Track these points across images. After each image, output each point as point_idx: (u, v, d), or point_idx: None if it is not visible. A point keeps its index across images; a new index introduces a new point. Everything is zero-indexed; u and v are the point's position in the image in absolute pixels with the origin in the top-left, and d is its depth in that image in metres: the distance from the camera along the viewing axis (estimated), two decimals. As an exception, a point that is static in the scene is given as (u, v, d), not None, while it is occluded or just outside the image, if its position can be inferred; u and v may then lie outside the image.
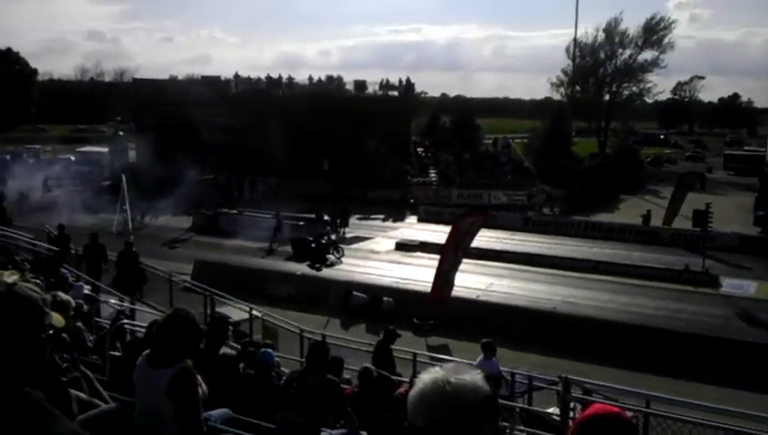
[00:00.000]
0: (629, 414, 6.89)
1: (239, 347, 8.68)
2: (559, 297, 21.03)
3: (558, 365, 13.93)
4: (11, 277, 1.95)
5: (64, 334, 5.15)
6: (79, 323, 8.27)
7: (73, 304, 7.39)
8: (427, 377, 1.57)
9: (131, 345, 7.42)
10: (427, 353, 14.41)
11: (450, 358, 13.60)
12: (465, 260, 21.57)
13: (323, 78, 50.21)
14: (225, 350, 7.32)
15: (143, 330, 7.81)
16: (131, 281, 16.40)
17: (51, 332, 1.99)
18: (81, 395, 4.40)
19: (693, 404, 7.86)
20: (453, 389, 1.51)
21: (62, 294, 5.73)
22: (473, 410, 1.50)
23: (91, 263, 16.38)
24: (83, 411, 4.03)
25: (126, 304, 13.67)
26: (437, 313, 19.15)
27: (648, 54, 63.59)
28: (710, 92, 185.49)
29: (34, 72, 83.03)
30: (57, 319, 2.35)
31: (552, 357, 16.06)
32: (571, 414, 7.04)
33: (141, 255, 17.24)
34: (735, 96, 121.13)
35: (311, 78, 49.77)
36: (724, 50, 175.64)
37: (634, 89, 65.80)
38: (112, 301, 12.82)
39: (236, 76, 49.16)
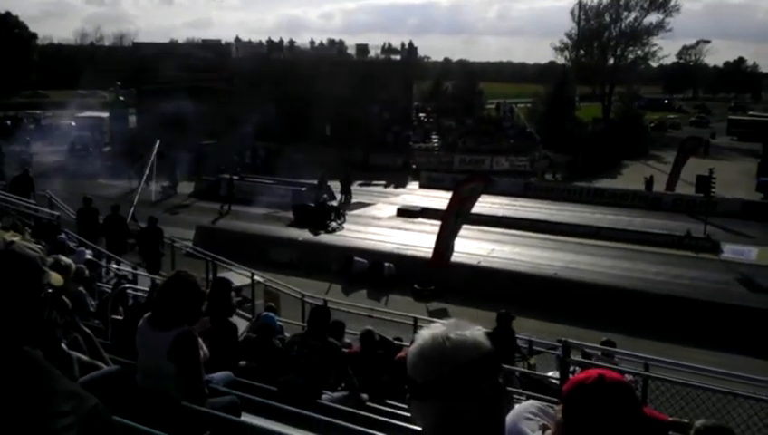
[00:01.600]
0: (629, 378, 6.94)
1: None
2: (560, 263, 21.06)
3: (558, 330, 14.01)
4: (9, 237, 1.93)
5: (64, 297, 5.18)
6: (81, 288, 8.30)
7: (74, 268, 7.41)
8: (427, 333, 1.55)
9: (133, 309, 7.46)
10: (427, 319, 14.46)
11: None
12: (466, 226, 21.59)
13: (325, 42, 49.75)
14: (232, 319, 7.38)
15: (145, 294, 7.86)
16: (155, 259, 15.97)
17: (49, 291, 1.99)
18: (83, 357, 4.43)
19: (692, 368, 7.91)
20: (453, 345, 1.49)
21: (63, 258, 5.73)
22: (473, 366, 1.49)
23: (112, 237, 15.95)
24: (85, 373, 4.05)
25: (128, 268, 13.70)
26: (438, 277, 19.23)
27: (653, 17, 62.96)
28: (715, 56, 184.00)
29: (34, 36, 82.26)
30: (56, 278, 2.35)
31: (552, 322, 16.16)
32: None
33: (141, 221, 17.22)
34: (741, 60, 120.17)
35: (312, 42, 49.34)
36: (731, 13, 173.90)
37: (639, 53, 65.15)
38: (114, 266, 12.86)
39: (237, 40, 48.70)
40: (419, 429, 1.58)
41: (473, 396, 1.47)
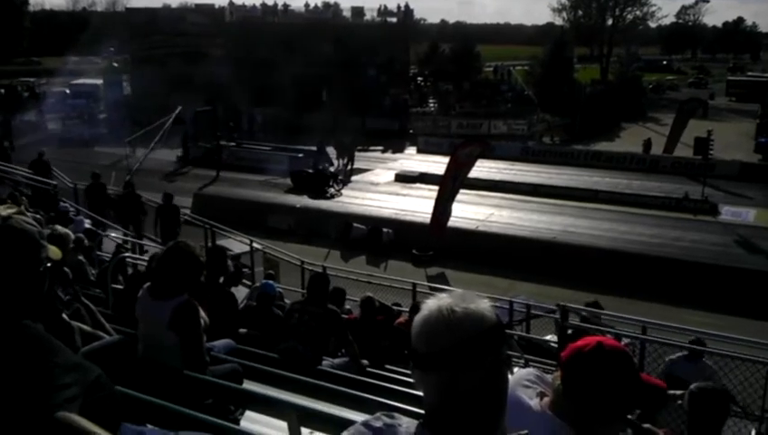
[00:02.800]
0: (626, 341, 6.99)
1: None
2: (559, 227, 21.09)
3: (556, 294, 14.04)
4: (6, 211, 1.93)
5: (65, 268, 5.19)
6: (80, 257, 8.32)
7: (73, 238, 7.41)
8: (433, 303, 1.53)
9: (133, 278, 7.48)
10: (426, 284, 14.55)
11: (449, 288, 13.74)
12: (464, 191, 21.58)
13: (320, 5, 49.15)
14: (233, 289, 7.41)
15: (144, 263, 7.87)
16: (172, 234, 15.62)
17: (48, 265, 1.99)
18: (85, 327, 4.46)
19: (689, 331, 7.97)
20: (458, 317, 1.48)
21: (60, 228, 5.73)
22: (478, 339, 1.47)
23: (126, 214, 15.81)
24: (87, 343, 4.08)
25: (128, 237, 13.72)
26: (437, 243, 19.29)
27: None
28: (714, 16, 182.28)
29: (26, 2, 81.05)
30: (54, 252, 2.34)
31: (550, 286, 16.23)
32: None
33: (139, 188, 17.14)
34: (740, 20, 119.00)
35: (307, 5, 48.67)
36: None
37: (637, 13, 64.70)
38: (113, 235, 12.86)
39: (231, 3, 48.04)
40: (419, 393, 1.59)
41: (476, 368, 1.47)
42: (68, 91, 46.35)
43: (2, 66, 68.25)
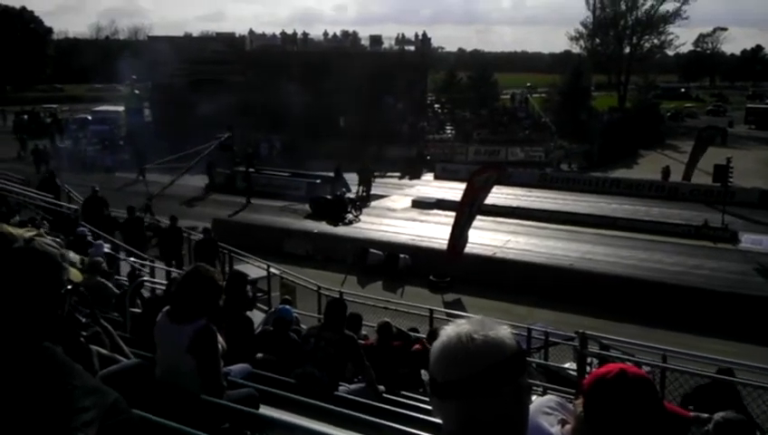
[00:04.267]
0: (647, 369, 6.89)
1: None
2: (576, 254, 20.93)
3: (574, 321, 13.95)
4: (28, 234, 1.95)
5: (82, 288, 5.22)
6: (101, 279, 8.36)
7: (87, 261, 7.50)
8: (452, 330, 1.51)
9: (151, 302, 7.51)
10: (443, 310, 14.46)
11: (467, 314, 13.66)
12: (481, 217, 21.53)
13: (339, 33, 49.66)
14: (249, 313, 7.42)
15: (162, 287, 7.91)
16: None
17: (69, 287, 2.00)
18: (103, 350, 4.46)
19: (710, 359, 7.85)
20: (478, 345, 1.46)
21: (68, 253, 5.77)
22: (498, 368, 1.46)
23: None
24: (105, 367, 4.08)
25: (146, 262, 13.79)
26: (453, 269, 19.20)
27: (669, 5, 62.30)
28: (732, 44, 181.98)
29: (49, 30, 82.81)
30: (75, 274, 2.37)
31: (568, 313, 16.09)
32: (588, 369, 7.06)
33: (159, 213, 17.30)
34: (759, 48, 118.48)
35: (326, 33, 49.22)
36: (748, 0, 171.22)
37: (655, 41, 64.58)
38: (131, 259, 12.94)
39: (251, 33, 48.69)
40: (437, 421, 1.57)
41: (496, 397, 1.45)
42: (90, 118, 47.03)
43: (25, 93, 69.55)
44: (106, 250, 10.92)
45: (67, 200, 17.28)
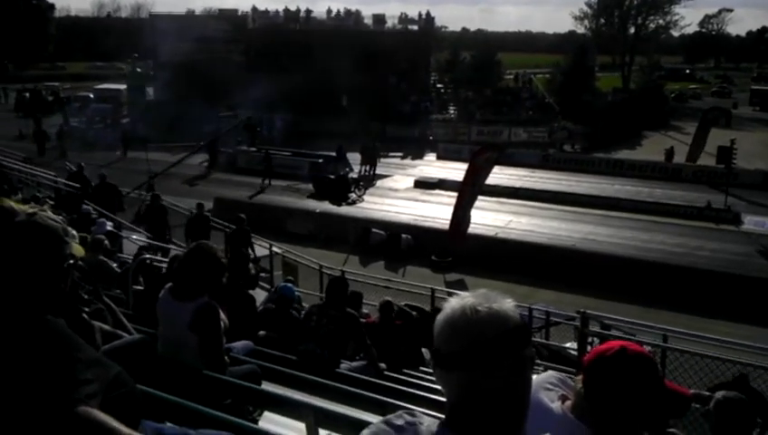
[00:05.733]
0: (648, 349, 6.92)
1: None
2: (579, 234, 20.94)
3: (576, 301, 13.97)
4: (31, 209, 1.96)
5: (84, 265, 5.24)
6: (102, 257, 8.38)
7: (89, 239, 7.51)
8: (456, 302, 1.52)
9: (153, 278, 7.53)
10: (444, 290, 14.50)
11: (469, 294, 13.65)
12: (484, 198, 21.52)
13: (342, 11, 49.35)
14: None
15: (165, 265, 7.93)
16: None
17: (71, 261, 2.01)
18: (105, 326, 4.48)
19: (710, 339, 7.87)
20: (481, 317, 1.47)
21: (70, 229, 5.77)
22: (501, 339, 1.46)
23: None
24: (107, 342, 4.10)
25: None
26: (455, 249, 19.23)
27: (676, -15, 61.80)
28: (738, 25, 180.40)
29: (51, 7, 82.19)
30: (77, 249, 2.37)
31: (570, 293, 16.14)
32: (589, 349, 7.07)
33: (161, 192, 17.26)
34: (764, 29, 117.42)
35: (329, 11, 48.92)
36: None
37: (660, 22, 64.28)
38: (134, 237, 12.97)
39: (254, 10, 48.38)
40: (437, 398, 1.57)
41: (499, 368, 1.46)
42: (92, 96, 46.93)
43: (27, 71, 69.29)
44: (109, 228, 10.94)
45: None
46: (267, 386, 4.57)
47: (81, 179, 16.39)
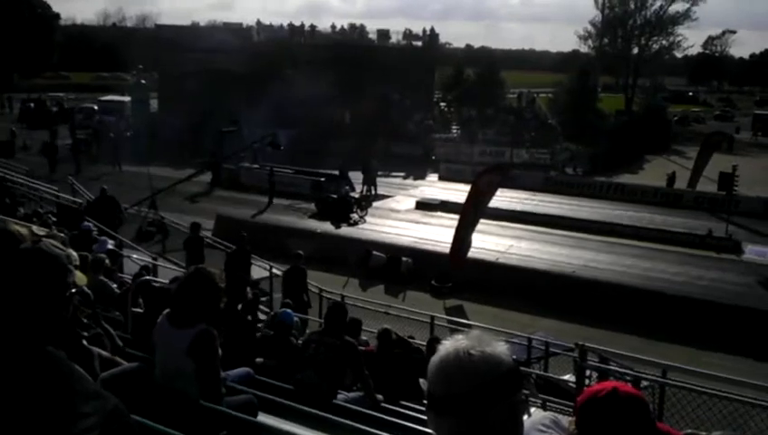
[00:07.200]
0: (645, 384, 6.88)
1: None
2: (579, 261, 20.79)
3: (575, 331, 13.89)
4: (40, 232, 1.97)
5: (87, 290, 5.24)
6: (102, 278, 8.37)
7: (90, 259, 7.51)
8: (450, 345, 1.53)
9: (153, 300, 7.52)
10: (444, 317, 14.43)
11: (468, 322, 13.63)
12: (485, 221, 21.45)
13: (346, 26, 49.66)
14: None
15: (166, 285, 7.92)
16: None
17: (74, 290, 2.02)
18: (104, 353, 4.49)
19: (711, 376, 7.82)
20: (475, 361, 1.48)
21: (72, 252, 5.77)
22: (494, 383, 1.48)
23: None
24: (105, 369, 4.11)
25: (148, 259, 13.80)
26: (456, 273, 19.13)
27: (679, 6, 62.18)
28: (742, 47, 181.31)
29: (57, 16, 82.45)
30: (80, 278, 2.38)
31: (570, 323, 16.04)
32: (587, 382, 7.06)
33: (163, 209, 17.19)
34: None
35: (333, 26, 49.27)
36: (758, 3, 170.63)
37: (663, 42, 64.38)
38: (135, 256, 12.95)
39: (258, 23, 48.68)
40: (432, 433, 1.58)
41: (492, 412, 1.47)
42: (96, 108, 47.10)
43: (32, 80, 69.51)
44: (110, 247, 10.93)
45: (71, 191, 17.22)
46: (263, 417, 4.56)
47: (105, 206, 15.90)
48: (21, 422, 1.66)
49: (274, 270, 14.49)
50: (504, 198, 25.38)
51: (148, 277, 8.75)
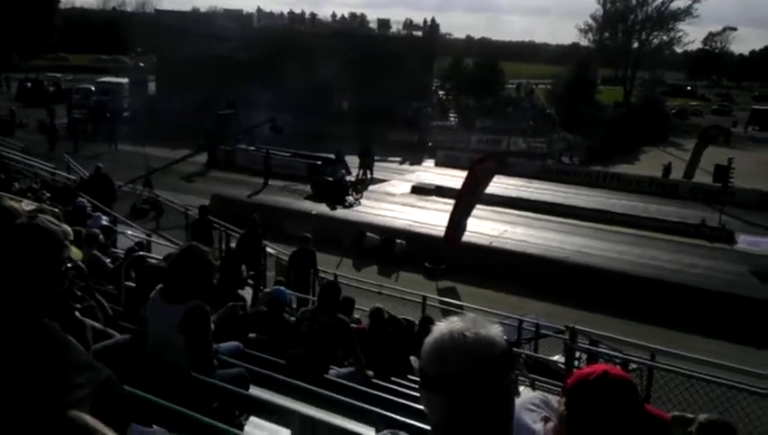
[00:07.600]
0: (633, 366, 6.95)
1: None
2: (573, 247, 20.93)
3: (566, 314, 14.00)
4: (29, 207, 1.98)
5: (81, 264, 5.26)
6: (96, 253, 8.39)
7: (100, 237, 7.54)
8: (444, 327, 1.56)
9: (146, 275, 7.53)
10: (436, 298, 14.51)
11: (459, 303, 13.71)
12: (480, 206, 21.51)
13: (347, 15, 49.44)
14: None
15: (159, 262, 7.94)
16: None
17: (69, 265, 2.04)
18: (96, 325, 4.51)
19: (699, 359, 7.90)
20: (469, 342, 1.50)
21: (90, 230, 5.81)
22: (487, 365, 1.50)
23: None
24: (98, 341, 4.13)
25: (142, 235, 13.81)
26: (449, 256, 19.23)
27: (680, 2, 62.02)
28: (742, 44, 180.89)
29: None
30: (76, 253, 2.41)
31: (561, 306, 16.14)
32: (576, 363, 7.13)
33: (158, 188, 17.18)
34: (767, 49, 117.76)
35: (334, 15, 49.04)
36: (759, 1, 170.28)
37: (664, 38, 64.36)
38: (129, 232, 12.96)
39: (259, 10, 48.45)
40: (422, 408, 1.61)
41: (485, 393, 1.50)
42: (93, 89, 46.90)
43: (31, 61, 69.12)
44: (104, 223, 10.94)
45: (66, 169, 17.20)
46: (255, 390, 4.59)
47: (99, 183, 15.67)
48: (16, 392, 1.69)
49: (268, 249, 14.50)
50: (500, 185, 25.41)
51: (141, 253, 8.77)
